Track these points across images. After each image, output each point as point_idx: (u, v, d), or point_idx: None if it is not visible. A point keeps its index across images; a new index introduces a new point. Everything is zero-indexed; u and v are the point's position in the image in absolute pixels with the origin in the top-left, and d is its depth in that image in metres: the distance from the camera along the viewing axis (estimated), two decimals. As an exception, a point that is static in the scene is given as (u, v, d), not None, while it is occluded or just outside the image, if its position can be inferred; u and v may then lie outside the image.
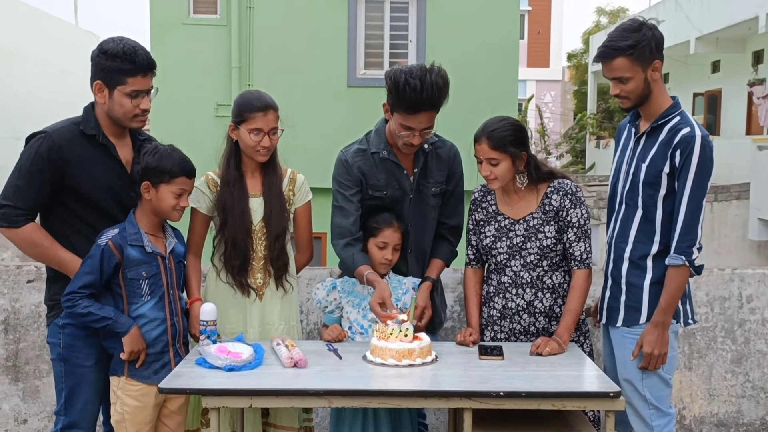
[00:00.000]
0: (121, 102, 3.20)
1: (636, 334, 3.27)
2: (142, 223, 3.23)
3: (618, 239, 3.35)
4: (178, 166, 3.21)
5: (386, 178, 3.59)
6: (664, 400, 3.31)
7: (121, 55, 3.16)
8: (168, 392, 3.00)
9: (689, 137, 3.12)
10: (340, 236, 3.56)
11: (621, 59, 3.15)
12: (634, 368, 3.27)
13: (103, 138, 3.25)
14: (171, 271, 3.30)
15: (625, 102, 3.25)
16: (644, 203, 3.25)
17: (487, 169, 3.38)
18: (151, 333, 3.23)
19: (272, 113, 3.43)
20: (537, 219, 3.43)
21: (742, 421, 4.50)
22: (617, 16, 30.53)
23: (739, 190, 14.47)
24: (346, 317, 3.58)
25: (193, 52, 11.32)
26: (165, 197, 3.19)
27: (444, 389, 2.95)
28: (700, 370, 4.48)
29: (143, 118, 3.28)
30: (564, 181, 3.47)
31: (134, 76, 3.18)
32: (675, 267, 3.17)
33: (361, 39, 11.55)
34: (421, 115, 3.37)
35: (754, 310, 4.45)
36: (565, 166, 28.36)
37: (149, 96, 3.27)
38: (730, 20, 17.48)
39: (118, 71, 3.16)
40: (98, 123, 3.25)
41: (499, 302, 3.51)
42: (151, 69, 3.23)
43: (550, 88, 35.33)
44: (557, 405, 2.92)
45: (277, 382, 2.98)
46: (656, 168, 3.19)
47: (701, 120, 21.45)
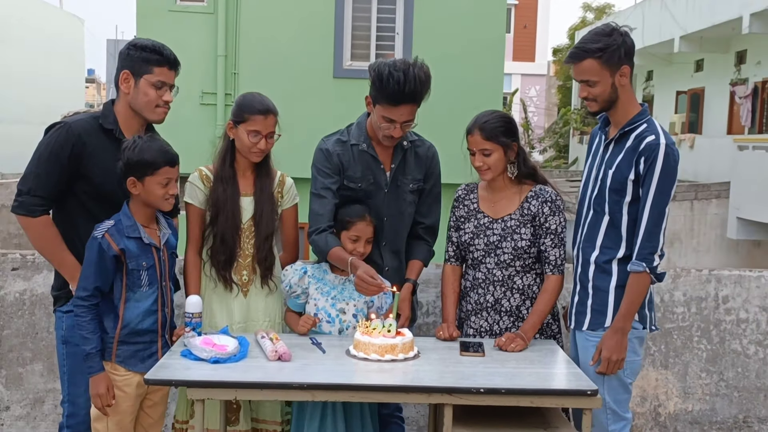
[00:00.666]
0: (146, 91, 3.31)
1: (598, 337, 3.29)
2: (137, 215, 3.26)
3: (585, 243, 3.38)
4: (160, 156, 3.22)
5: (362, 170, 3.63)
6: (623, 404, 3.33)
7: (151, 48, 3.33)
8: (153, 383, 3.02)
9: (654, 145, 3.15)
10: (316, 222, 3.61)
11: (590, 61, 3.18)
12: (594, 372, 3.28)
13: (120, 133, 3.33)
14: (164, 262, 3.33)
15: (593, 105, 3.28)
16: (611, 209, 3.27)
17: (480, 159, 3.45)
18: (144, 323, 3.25)
19: (272, 118, 3.49)
20: (515, 220, 3.50)
21: (716, 419, 4.59)
22: (603, 12, 30.63)
23: (719, 189, 14.61)
24: (313, 303, 3.56)
25: (180, 39, 11.19)
26: (152, 189, 3.21)
27: (425, 385, 2.99)
28: (676, 369, 4.56)
29: (164, 110, 3.38)
30: (545, 188, 3.55)
31: (161, 67, 3.33)
32: (636, 273, 3.20)
33: (348, 30, 11.55)
34: (402, 107, 3.43)
35: (729, 311, 4.54)
36: (549, 161, 28.51)
37: (171, 92, 3.39)
38: (714, 20, 17.61)
39: (146, 61, 3.31)
40: (116, 119, 3.36)
41: (473, 297, 3.58)
42: (176, 65, 3.39)
43: (534, 83, 35.46)
44: (536, 402, 2.97)
45: (261, 375, 3.01)
46: (622, 175, 3.22)
47: (684, 118, 21.62)
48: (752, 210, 13.60)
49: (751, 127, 18.70)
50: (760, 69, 18.37)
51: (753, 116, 18.65)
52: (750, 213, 13.69)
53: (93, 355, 3.16)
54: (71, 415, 3.37)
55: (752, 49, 18.64)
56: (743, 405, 4.58)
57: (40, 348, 4.38)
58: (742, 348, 4.55)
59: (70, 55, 25.27)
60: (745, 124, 18.75)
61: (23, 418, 4.43)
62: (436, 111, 10.46)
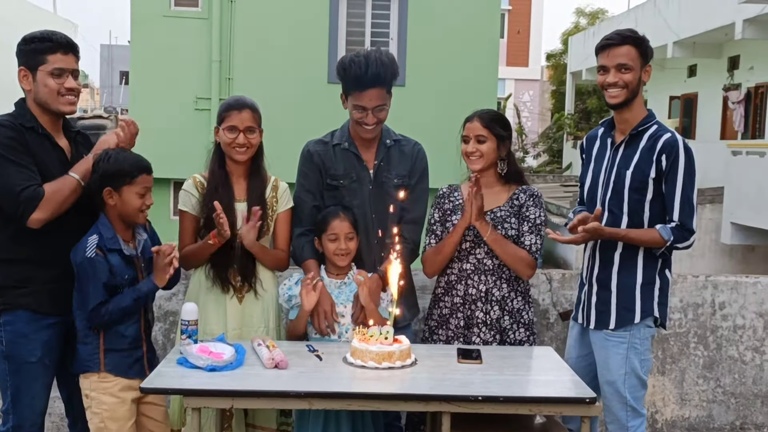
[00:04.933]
0: (45, 82, 3.19)
1: (620, 336, 3.39)
2: (114, 226, 3.24)
3: (604, 245, 3.44)
4: (136, 165, 3.23)
5: (345, 168, 3.67)
6: (640, 401, 3.44)
7: (39, 37, 3.21)
8: (149, 392, 3.01)
9: (673, 141, 3.31)
10: (295, 225, 3.66)
11: (629, 47, 3.34)
12: (617, 370, 3.38)
13: (41, 129, 3.24)
14: (143, 270, 3.33)
15: (619, 95, 3.36)
16: (630, 209, 3.37)
17: (474, 146, 3.53)
18: (128, 329, 3.27)
19: (247, 112, 3.49)
20: (504, 211, 3.57)
21: (713, 425, 4.58)
22: (596, 17, 30.68)
23: (713, 194, 14.61)
24: None
25: (174, 45, 11.28)
26: (129, 199, 3.20)
27: (423, 392, 2.98)
28: (673, 375, 4.56)
29: (71, 98, 3.25)
30: (531, 186, 3.67)
31: (54, 53, 3.19)
32: (659, 235, 3.28)
33: (342, 35, 11.56)
34: (370, 92, 3.50)
35: (726, 317, 4.53)
36: (542, 166, 28.54)
37: (75, 78, 3.26)
38: (707, 25, 17.66)
39: (37, 52, 3.19)
40: (33, 115, 3.24)
41: (461, 289, 3.60)
42: (70, 47, 3.24)
43: (528, 88, 35.51)
44: (534, 410, 2.97)
45: (258, 383, 2.99)
46: (642, 174, 3.33)
47: (677, 123, 21.68)
48: (746, 215, 13.61)
49: (744, 133, 18.74)
50: (753, 74, 18.42)
51: (746, 121, 18.70)
52: (744, 218, 13.70)
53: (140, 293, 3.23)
54: (16, 427, 3.27)
55: (745, 54, 18.69)
56: (740, 411, 4.58)
57: None
58: (739, 354, 4.55)
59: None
60: (739, 130, 18.79)
61: None
62: (429, 115, 10.40)
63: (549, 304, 4.43)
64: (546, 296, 4.44)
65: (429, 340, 3.69)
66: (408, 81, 10.70)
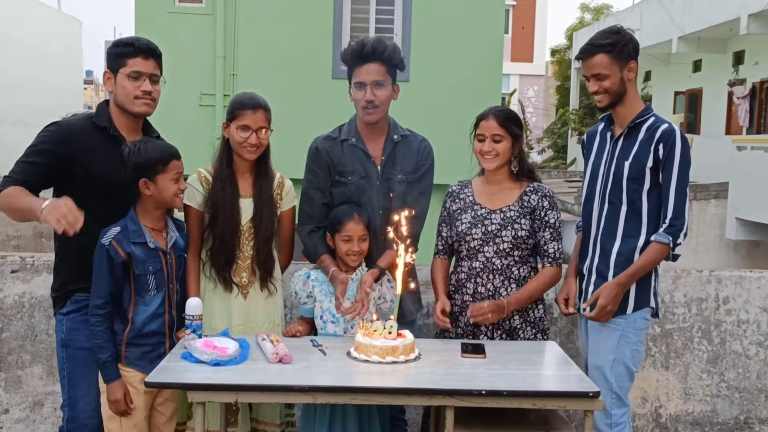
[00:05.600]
0: (123, 84, 3.33)
1: (615, 324, 3.43)
2: (144, 219, 3.28)
3: (604, 236, 3.49)
4: (167, 152, 3.28)
5: (353, 164, 3.66)
6: (626, 391, 3.48)
7: (124, 42, 3.40)
8: (154, 386, 3.03)
9: (670, 131, 3.36)
10: (305, 222, 3.65)
11: (601, 56, 3.38)
12: (606, 356, 3.44)
13: (114, 130, 3.35)
14: (172, 265, 3.34)
15: (603, 99, 3.44)
16: (629, 198, 3.42)
17: (490, 145, 3.54)
18: (151, 325, 3.29)
19: (262, 112, 3.48)
20: (514, 211, 3.56)
21: (717, 420, 4.58)
22: (601, 13, 30.65)
23: (717, 190, 14.61)
24: (318, 306, 3.58)
25: (178, 41, 11.25)
26: (165, 186, 3.25)
27: (426, 387, 2.99)
28: (677, 370, 4.56)
29: (146, 101, 3.37)
30: (542, 185, 3.65)
31: (134, 58, 3.34)
32: (659, 244, 3.34)
33: (346, 31, 11.53)
34: (368, 65, 3.54)
35: (730, 312, 4.53)
36: (547, 161, 28.53)
37: (154, 83, 3.40)
38: (712, 21, 17.64)
39: (120, 55, 3.34)
40: (110, 117, 3.37)
41: (470, 287, 3.60)
42: (151, 53, 3.39)
43: (533, 83, 35.48)
44: (537, 404, 2.97)
45: (262, 377, 3.01)
46: (640, 164, 3.39)
47: (682, 118, 21.65)
48: (751, 210, 13.61)
49: (749, 128, 18.72)
50: (758, 69, 18.39)
51: (751, 116, 18.67)
52: (749, 213, 13.70)
53: (109, 363, 3.22)
54: (71, 419, 3.37)
55: (750, 49, 18.66)
56: (744, 406, 4.57)
57: (40, 350, 4.37)
58: (743, 349, 4.55)
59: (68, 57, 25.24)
60: (744, 125, 18.77)
61: (22, 421, 4.42)
62: (434, 111, 10.37)
63: (553, 299, 4.43)
64: (551, 291, 4.42)
65: (441, 337, 3.69)
66: (412, 76, 10.68)
